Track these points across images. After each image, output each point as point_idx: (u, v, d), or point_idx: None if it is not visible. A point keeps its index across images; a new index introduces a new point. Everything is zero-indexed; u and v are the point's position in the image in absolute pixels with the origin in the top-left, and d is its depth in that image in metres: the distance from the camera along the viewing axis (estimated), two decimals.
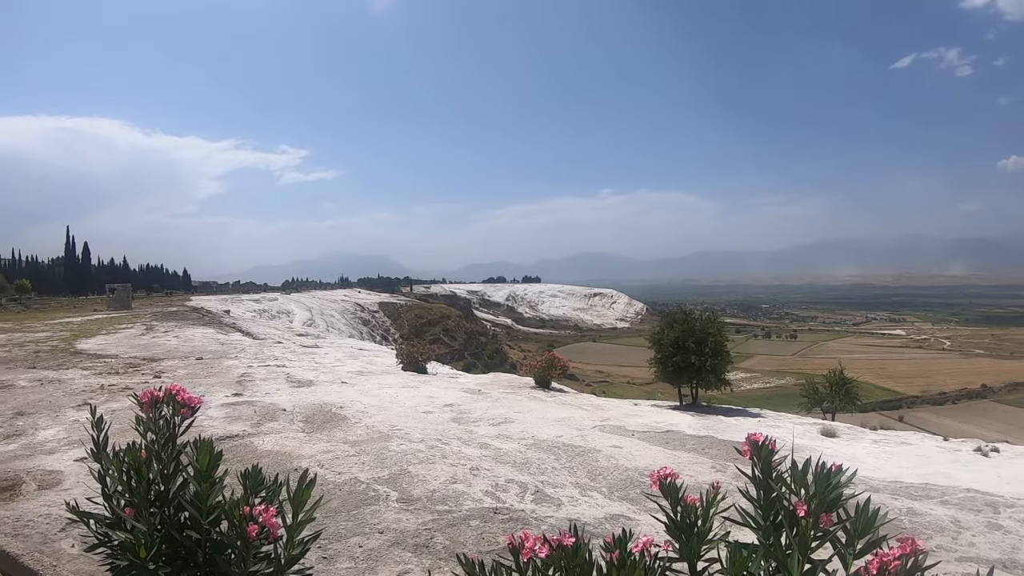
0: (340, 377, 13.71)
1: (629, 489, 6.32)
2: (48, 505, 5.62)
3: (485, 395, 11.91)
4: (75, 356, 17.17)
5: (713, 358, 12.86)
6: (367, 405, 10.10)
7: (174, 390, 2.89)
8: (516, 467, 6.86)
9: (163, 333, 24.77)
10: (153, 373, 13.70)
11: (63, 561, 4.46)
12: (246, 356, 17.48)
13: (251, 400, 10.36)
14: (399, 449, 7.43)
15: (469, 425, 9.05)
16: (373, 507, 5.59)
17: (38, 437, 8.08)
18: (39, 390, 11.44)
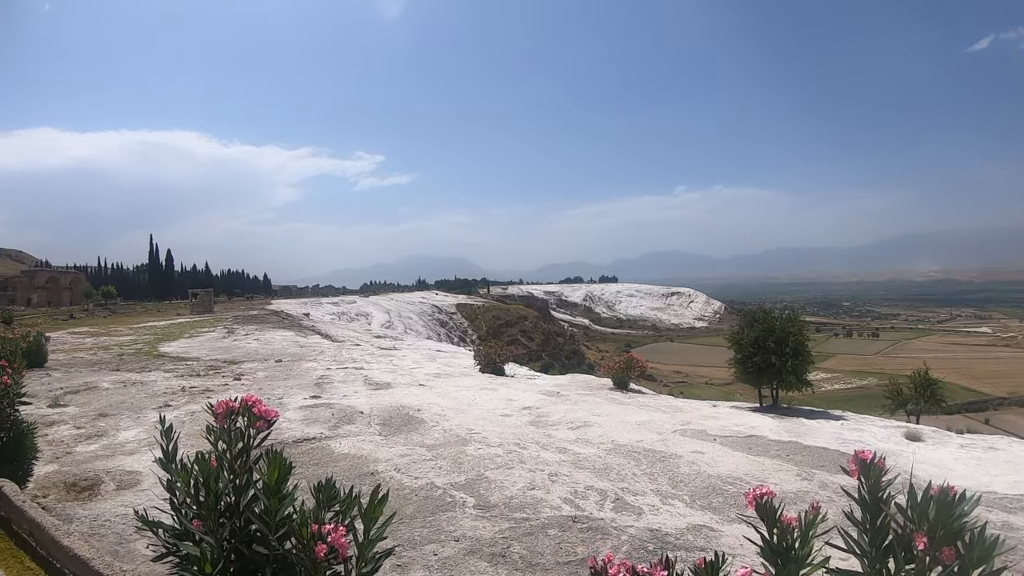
0: (418, 379, 13.75)
1: (712, 497, 6.11)
2: (125, 505, 5.73)
3: (564, 397, 11.78)
4: (158, 359, 17.71)
5: (794, 358, 12.46)
6: (444, 408, 10.08)
7: (250, 401, 2.83)
8: (595, 473, 6.72)
9: (244, 336, 25.35)
10: (233, 375, 13.99)
11: (137, 562, 4.51)
12: (324, 358, 17.72)
13: (329, 402, 10.45)
14: (476, 453, 7.38)
15: (548, 429, 8.93)
16: (449, 513, 5.54)
17: (119, 438, 8.30)
18: (122, 392, 11.79)
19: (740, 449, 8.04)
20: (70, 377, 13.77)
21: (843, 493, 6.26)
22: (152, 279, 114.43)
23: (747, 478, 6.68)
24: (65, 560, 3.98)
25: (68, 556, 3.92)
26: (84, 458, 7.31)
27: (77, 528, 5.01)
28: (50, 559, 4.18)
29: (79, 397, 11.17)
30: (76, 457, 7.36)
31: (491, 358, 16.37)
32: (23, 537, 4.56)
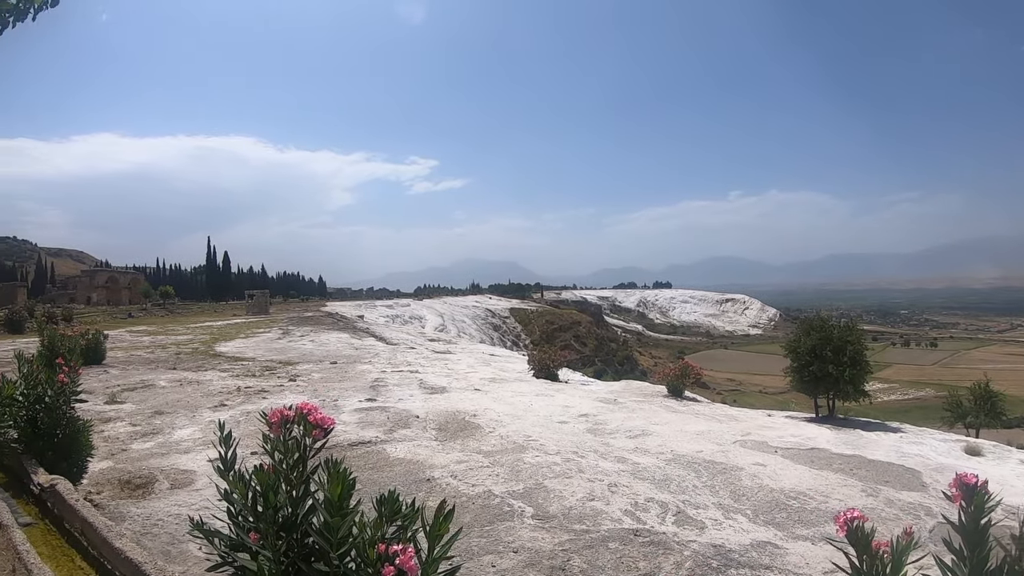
0: (473, 384, 13.66)
1: (775, 513, 5.91)
2: (179, 505, 5.70)
3: (621, 405, 11.59)
4: (214, 358, 17.96)
5: (852, 368, 12.11)
6: (501, 414, 9.97)
7: (305, 409, 2.71)
8: (656, 484, 6.57)
9: (299, 337, 25.65)
10: (289, 376, 14.07)
11: (189, 564, 4.46)
12: (379, 361, 17.78)
13: (384, 406, 10.41)
14: (534, 461, 7.26)
15: (605, 437, 8.77)
16: (507, 523, 5.43)
17: (174, 436, 8.35)
18: (178, 390, 11.92)
19: (802, 462, 7.82)
20: (127, 374, 14.00)
21: (910, 511, 6.03)
22: (209, 280, 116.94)
23: (811, 493, 6.50)
24: (117, 562, 3.92)
25: (120, 558, 3.86)
26: (139, 456, 7.35)
27: (129, 527, 4.99)
28: (101, 560, 4.13)
29: (135, 394, 11.32)
30: (131, 454, 7.40)
31: (545, 363, 16.27)
32: (75, 536, 4.53)
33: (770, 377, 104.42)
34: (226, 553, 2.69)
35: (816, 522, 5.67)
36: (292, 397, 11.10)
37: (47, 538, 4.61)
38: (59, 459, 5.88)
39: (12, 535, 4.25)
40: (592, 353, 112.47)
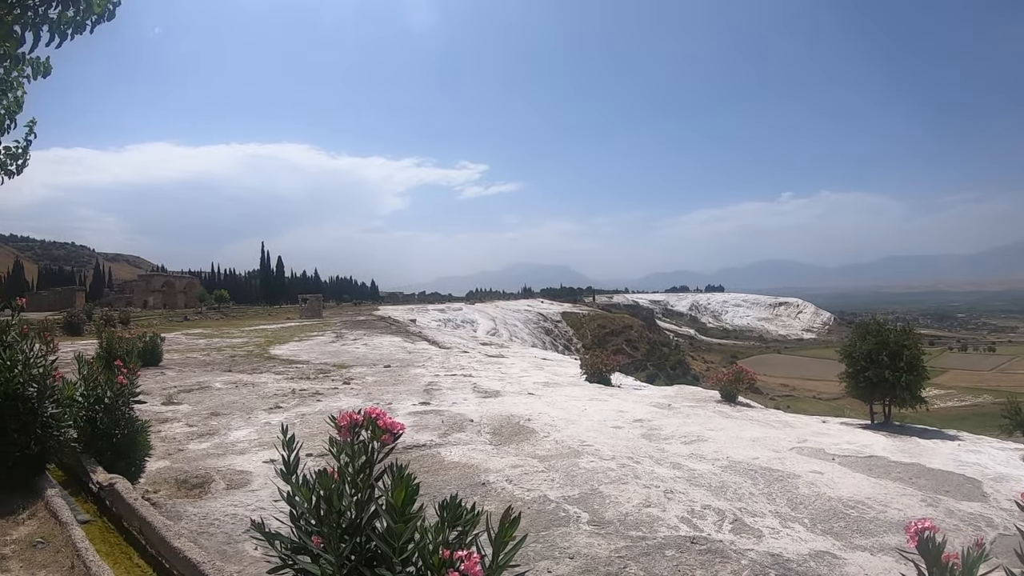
0: (526, 388, 13.63)
1: (833, 522, 5.81)
2: (235, 505, 5.76)
3: (675, 410, 11.46)
4: (269, 361, 18.19)
5: (908, 373, 11.76)
6: (555, 418, 9.92)
7: (374, 413, 2.69)
8: (712, 491, 6.50)
9: (352, 341, 25.87)
10: (343, 380, 14.18)
11: (245, 563, 4.47)
12: (433, 365, 17.84)
13: (438, 409, 10.42)
14: (589, 466, 7.21)
15: (660, 443, 8.68)
16: (563, 529, 5.41)
17: (230, 437, 8.44)
18: (234, 392, 12.08)
19: (860, 470, 7.68)
20: (184, 376, 14.24)
21: (970, 522, 5.85)
22: (263, 284, 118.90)
23: (869, 502, 6.41)
24: (174, 560, 3.94)
25: (178, 557, 3.88)
26: (195, 456, 7.45)
27: (186, 526, 5.04)
28: (159, 558, 4.16)
29: (192, 396, 11.49)
30: (188, 454, 7.51)
31: (597, 367, 16.18)
32: (133, 534, 4.57)
33: (824, 383, 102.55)
34: (287, 556, 2.67)
35: (875, 532, 5.58)
36: (346, 400, 11.19)
37: (105, 535, 4.67)
38: (117, 458, 5.97)
39: (71, 532, 4.30)
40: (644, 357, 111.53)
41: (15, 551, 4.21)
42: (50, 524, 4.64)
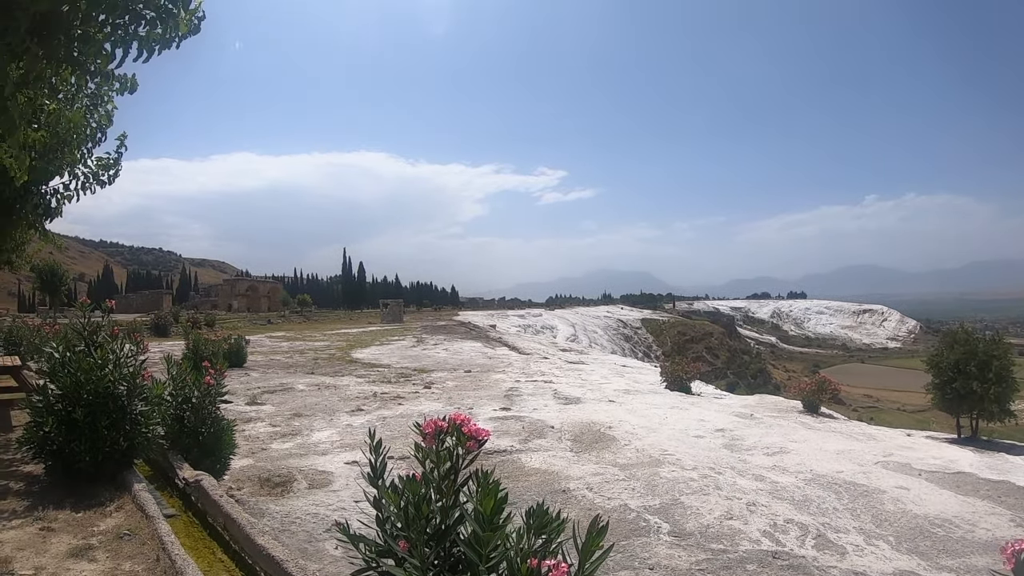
0: (607, 395, 13.48)
1: (919, 540, 5.58)
2: (316, 505, 5.81)
3: (757, 420, 11.17)
4: (350, 364, 18.46)
5: (997, 385, 11.17)
6: (636, 426, 9.78)
7: (459, 420, 2.66)
8: (795, 505, 6.31)
9: (433, 346, 26.10)
10: (424, 384, 14.26)
11: (325, 562, 4.49)
12: (513, 370, 17.81)
13: (519, 415, 10.37)
14: (671, 476, 7.09)
15: (743, 453, 8.47)
16: (643, 539, 5.32)
17: (312, 438, 8.55)
18: (316, 394, 12.26)
19: (947, 487, 7.36)
20: (267, 378, 14.54)
21: None
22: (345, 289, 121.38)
23: (956, 520, 6.15)
24: (258, 557, 3.96)
25: (261, 554, 3.90)
26: (278, 455, 7.57)
27: (268, 523, 5.09)
28: (242, 554, 4.21)
29: (275, 397, 11.71)
30: (271, 454, 7.64)
31: (678, 375, 15.95)
32: (217, 530, 4.63)
33: (909, 394, 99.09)
34: (371, 558, 2.65)
35: (962, 552, 5.37)
36: (427, 404, 11.24)
37: (189, 530, 4.75)
38: (203, 456, 6.11)
39: (157, 526, 4.38)
40: (724, 365, 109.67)
41: (102, 542, 4.31)
42: (137, 517, 4.75)
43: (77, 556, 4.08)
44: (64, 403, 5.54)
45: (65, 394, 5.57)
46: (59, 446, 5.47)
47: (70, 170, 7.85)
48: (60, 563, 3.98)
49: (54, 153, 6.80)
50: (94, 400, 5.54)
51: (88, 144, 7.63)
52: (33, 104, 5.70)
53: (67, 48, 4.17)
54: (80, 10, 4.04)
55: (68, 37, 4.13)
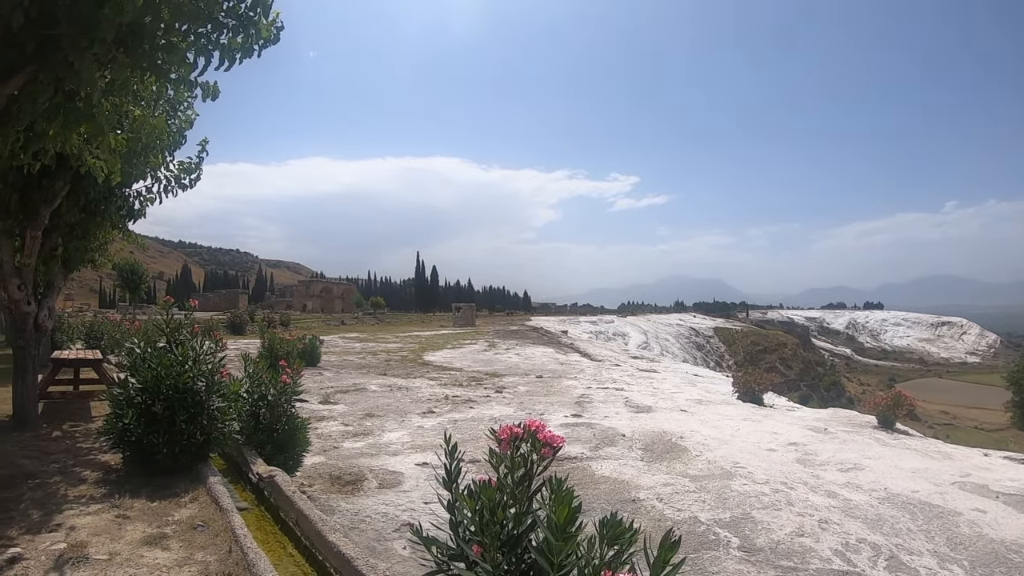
0: (679, 404, 13.36)
1: (994, 567, 5.37)
2: (386, 504, 5.91)
3: (831, 435, 10.91)
4: (422, 367, 18.68)
5: None
6: (707, 437, 9.67)
7: (534, 426, 2.70)
8: (868, 524, 6.14)
9: (504, 350, 26.20)
10: (495, 388, 14.35)
11: (393, 561, 4.57)
12: (584, 377, 17.78)
13: (590, 422, 10.35)
14: (742, 489, 6.98)
15: (816, 468, 8.27)
16: (712, 553, 5.26)
17: (384, 438, 8.70)
18: (388, 395, 12.47)
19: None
20: (340, 378, 14.83)
21: None
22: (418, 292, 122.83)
23: None
24: (328, 553, 4.06)
25: (332, 551, 3.99)
26: (350, 454, 7.73)
27: (338, 521, 5.19)
28: (313, 550, 4.30)
29: (348, 396, 11.95)
30: (342, 452, 7.80)
31: (750, 386, 15.72)
32: (288, 525, 4.76)
33: (987, 411, 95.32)
34: (443, 561, 2.71)
35: None
36: (498, 408, 11.32)
37: (261, 524, 4.89)
38: (277, 452, 6.29)
39: (231, 518, 4.53)
40: (797, 377, 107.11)
41: (176, 531, 4.48)
42: (210, 509, 4.91)
43: (151, 544, 4.24)
44: (144, 396, 5.78)
45: (145, 388, 5.81)
46: (138, 437, 5.71)
47: (153, 173, 8.18)
48: (134, 550, 4.15)
49: (138, 157, 7.08)
50: (173, 394, 5.77)
51: (170, 148, 7.94)
52: (119, 110, 5.95)
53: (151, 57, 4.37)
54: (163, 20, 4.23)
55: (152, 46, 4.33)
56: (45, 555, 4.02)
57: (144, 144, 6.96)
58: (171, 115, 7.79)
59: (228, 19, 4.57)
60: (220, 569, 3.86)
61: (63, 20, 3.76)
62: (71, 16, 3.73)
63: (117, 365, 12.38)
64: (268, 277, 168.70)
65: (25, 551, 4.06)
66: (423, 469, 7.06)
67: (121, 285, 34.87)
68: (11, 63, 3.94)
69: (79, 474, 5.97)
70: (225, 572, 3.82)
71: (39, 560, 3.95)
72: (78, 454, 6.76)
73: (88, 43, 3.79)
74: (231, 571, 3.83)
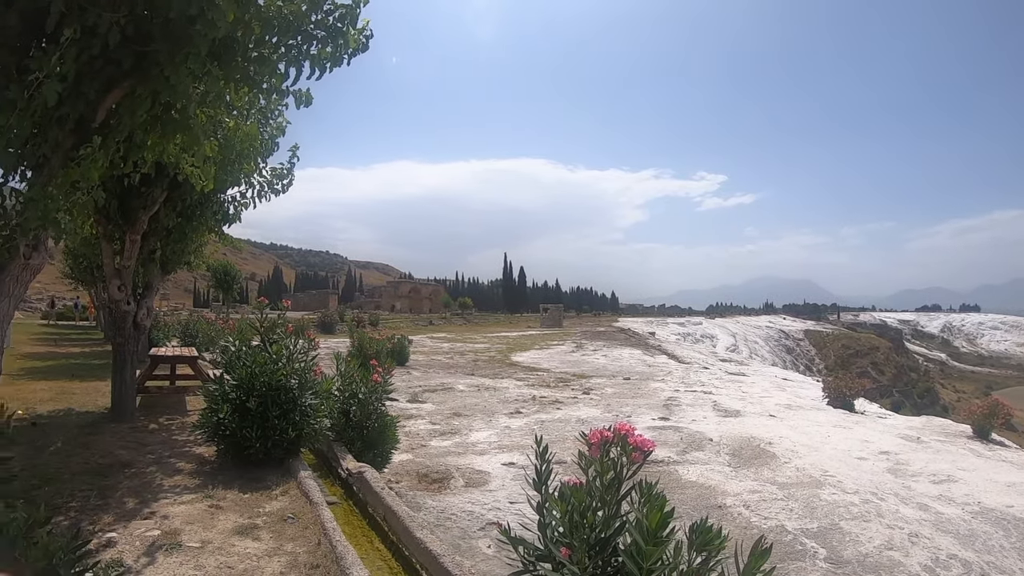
0: (768, 409, 13.12)
1: None
2: (471, 503, 5.99)
3: (924, 444, 10.51)
4: (510, 367, 18.82)
5: None
6: (796, 443, 9.46)
7: (624, 430, 2.72)
8: (959, 540, 5.91)
9: (592, 352, 26.17)
10: (582, 389, 14.37)
11: (477, 559, 4.64)
12: (672, 379, 17.62)
13: (677, 426, 10.27)
14: (830, 499, 6.80)
15: (907, 479, 7.98)
16: (798, 563, 5.17)
17: (471, 438, 8.82)
18: (475, 395, 12.62)
19: None
20: (428, 377, 15.08)
21: None
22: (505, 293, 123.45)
23: None
24: (414, 549, 4.15)
25: (419, 547, 4.08)
26: (437, 452, 7.87)
27: (424, 517, 5.29)
28: (399, 545, 4.40)
29: (436, 396, 12.15)
30: (429, 451, 7.95)
31: (841, 391, 15.32)
32: (376, 520, 4.89)
33: None
34: (530, 561, 2.76)
35: None
36: (585, 410, 11.33)
37: (349, 518, 5.04)
38: (366, 448, 6.47)
39: (320, 512, 4.67)
40: (889, 383, 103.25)
41: (266, 523, 4.64)
42: (300, 502, 5.07)
43: (242, 534, 4.41)
44: (238, 392, 6.01)
45: (240, 384, 6.05)
46: (232, 431, 5.94)
47: (246, 179, 8.48)
48: (226, 539, 4.31)
49: (232, 165, 7.35)
50: (266, 391, 5.98)
51: (263, 155, 8.22)
52: (213, 120, 6.20)
53: (244, 69, 4.56)
54: (254, 34, 4.41)
55: (244, 59, 4.52)
56: (140, 540, 4.22)
57: (238, 152, 7.22)
58: (263, 123, 8.05)
59: (318, 30, 4.73)
60: (309, 561, 3.99)
61: (158, 37, 3.96)
62: (165, 33, 3.92)
63: (211, 362, 12.83)
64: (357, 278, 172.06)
65: (120, 536, 4.27)
66: (509, 469, 7.14)
67: (215, 285, 36.07)
68: (110, 78, 4.16)
69: (174, 465, 6.24)
70: (313, 564, 3.95)
71: (133, 545, 4.15)
72: (173, 446, 7.07)
73: (183, 58, 3.98)
74: (319, 563, 3.95)
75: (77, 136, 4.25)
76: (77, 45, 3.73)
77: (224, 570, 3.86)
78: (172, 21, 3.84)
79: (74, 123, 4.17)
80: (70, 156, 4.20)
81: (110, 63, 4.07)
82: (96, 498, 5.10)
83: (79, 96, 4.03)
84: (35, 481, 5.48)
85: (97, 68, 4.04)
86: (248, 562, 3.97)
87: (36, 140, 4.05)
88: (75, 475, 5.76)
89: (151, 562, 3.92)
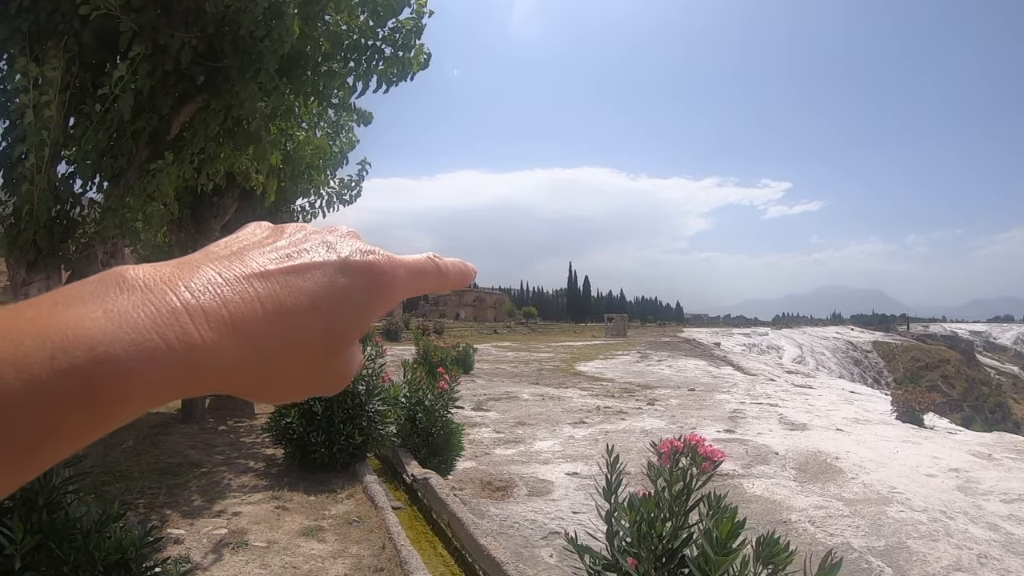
0: (835, 423, 12.83)
1: None
2: (534, 512, 5.97)
3: (995, 462, 10.14)
4: (574, 377, 18.76)
5: None
6: (864, 458, 9.23)
7: (693, 440, 2.71)
8: None
9: (656, 362, 25.93)
10: (647, 400, 14.24)
11: (539, 568, 4.60)
12: (738, 391, 17.36)
13: (742, 438, 10.12)
14: (898, 516, 6.61)
15: (977, 498, 7.71)
16: None
17: (535, 447, 8.80)
18: (540, 404, 12.59)
19: None
20: (492, 385, 15.11)
21: None
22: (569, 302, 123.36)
23: None
24: (477, 555, 4.16)
25: (482, 554, 4.09)
26: (500, 461, 7.87)
27: (488, 525, 5.30)
28: (463, 551, 4.41)
29: (500, 404, 12.16)
30: (493, 459, 7.95)
31: (910, 405, 14.91)
32: (440, 526, 4.91)
33: None
34: (596, 571, 2.75)
35: None
36: (650, 421, 11.23)
37: (413, 523, 5.07)
38: (431, 455, 6.52)
39: (386, 516, 4.72)
40: (960, 397, 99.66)
41: (332, 525, 4.71)
42: (366, 506, 5.14)
43: (308, 535, 4.47)
44: None
45: None
46: (299, 435, 6.07)
47: (316, 190, 8.65)
48: (291, 539, 4.39)
49: (300, 176, 7.52)
50: (333, 397, 6.08)
51: (332, 167, 8.40)
52: (284, 133, 6.36)
53: (313, 83, 4.67)
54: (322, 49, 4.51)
55: (314, 73, 4.62)
56: (207, 538, 4.32)
57: (307, 163, 7.38)
58: (333, 137, 8.23)
59: (386, 46, 4.82)
60: (373, 564, 4.03)
61: (228, 53, 4.08)
62: (236, 50, 4.04)
63: None
64: None
65: (188, 534, 4.38)
66: (572, 479, 7.10)
67: None
68: (183, 94, 4.29)
69: (242, 466, 6.39)
70: (377, 567, 3.99)
71: (200, 543, 4.25)
72: (241, 447, 7.23)
73: (253, 73, 4.09)
74: (383, 566, 3.99)
75: (152, 148, 4.39)
76: (150, 61, 3.86)
77: (289, 570, 3.92)
78: (242, 38, 3.95)
79: (149, 136, 4.31)
80: (145, 168, 4.34)
81: (183, 79, 4.21)
82: (165, 496, 5.26)
83: (153, 110, 4.17)
84: (105, 477, 5.66)
85: (170, 83, 4.17)
86: (313, 563, 4.03)
87: (112, 152, 4.19)
88: (144, 473, 5.96)
89: (218, 559, 4.01)
